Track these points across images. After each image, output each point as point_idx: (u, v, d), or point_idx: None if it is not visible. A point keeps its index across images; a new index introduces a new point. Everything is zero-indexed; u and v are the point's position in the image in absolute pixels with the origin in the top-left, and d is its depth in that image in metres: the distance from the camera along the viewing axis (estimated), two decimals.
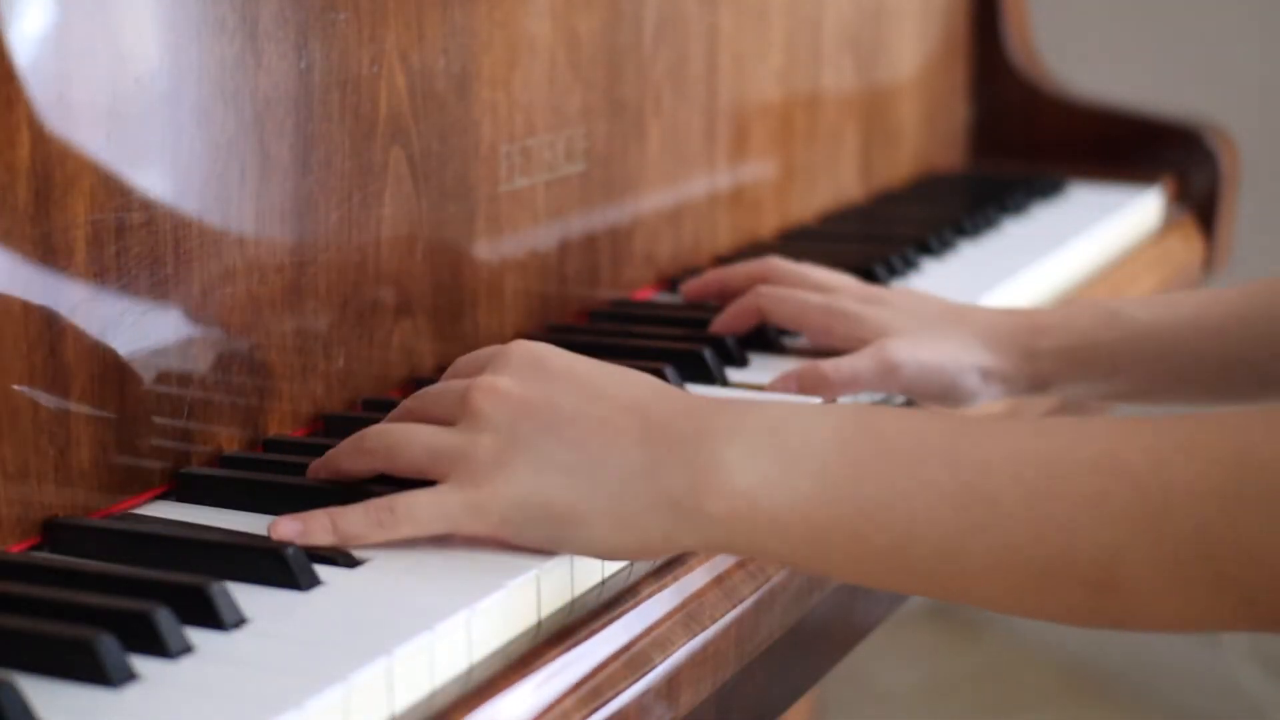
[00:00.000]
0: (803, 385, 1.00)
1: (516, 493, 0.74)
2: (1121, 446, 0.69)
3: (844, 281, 1.10)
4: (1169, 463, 0.67)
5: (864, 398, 1.02)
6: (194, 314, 0.85)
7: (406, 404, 0.82)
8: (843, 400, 1.00)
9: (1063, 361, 1.04)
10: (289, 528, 0.75)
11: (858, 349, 1.02)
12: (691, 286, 1.17)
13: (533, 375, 0.77)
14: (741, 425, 0.74)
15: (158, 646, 0.66)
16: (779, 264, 1.12)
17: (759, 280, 1.11)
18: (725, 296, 1.13)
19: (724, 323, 1.10)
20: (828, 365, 1.01)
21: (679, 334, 1.10)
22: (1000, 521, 0.69)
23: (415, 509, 0.75)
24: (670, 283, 1.24)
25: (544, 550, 0.75)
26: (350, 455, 0.80)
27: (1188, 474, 0.67)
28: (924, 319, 1.05)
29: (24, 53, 0.75)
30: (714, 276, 1.15)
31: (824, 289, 1.09)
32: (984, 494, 0.70)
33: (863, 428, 0.73)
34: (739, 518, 0.73)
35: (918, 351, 1.02)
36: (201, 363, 0.86)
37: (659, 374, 0.99)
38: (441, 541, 0.78)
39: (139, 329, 0.82)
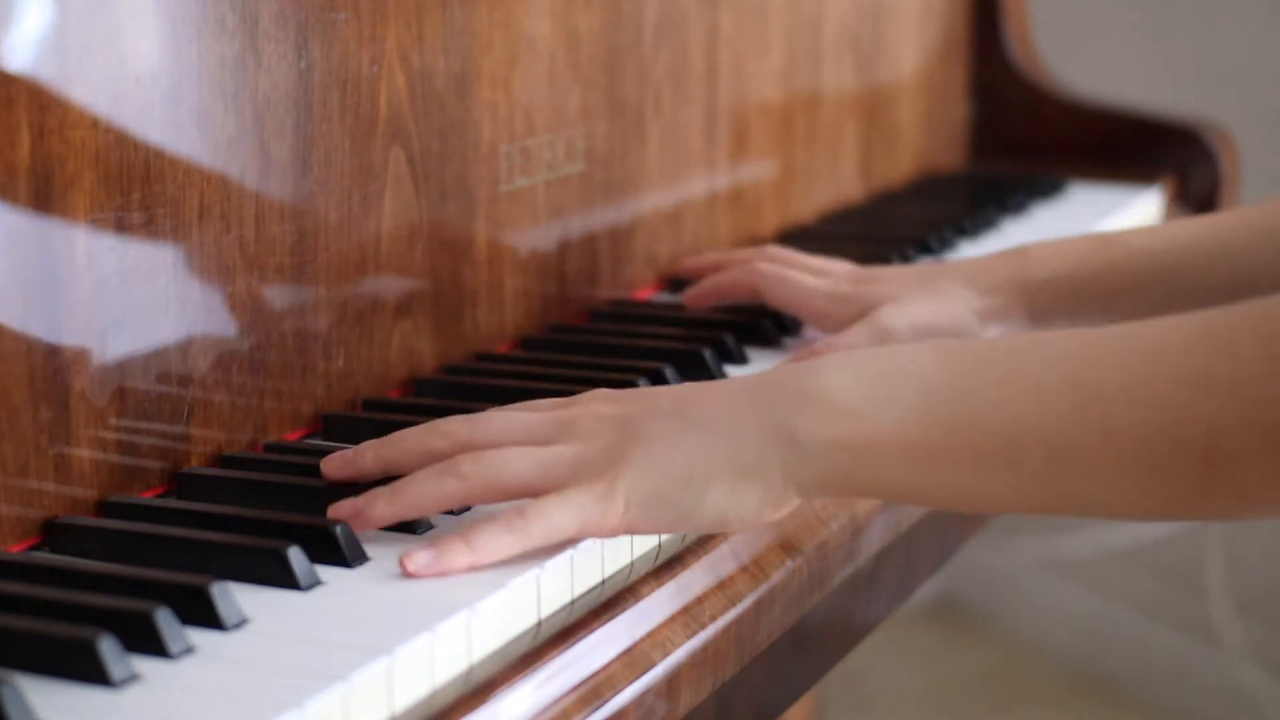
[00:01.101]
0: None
1: (638, 473, 0.75)
2: (1214, 323, 0.70)
3: (840, 266, 1.11)
4: (1268, 332, 0.68)
5: None
6: (194, 314, 0.85)
7: (485, 427, 0.79)
8: None
9: (1059, 291, 1.03)
10: (423, 558, 0.73)
11: None
12: (687, 264, 1.18)
13: (623, 395, 0.79)
14: (842, 359, 0.76)
15: (158, 646, 0.66)
16: (776, 250, 1.13)
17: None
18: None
19: (709, 287, 1.10)
20: (821, 345, 1.02)
21: (679, 334, 1.10)
22: (1104, 407, 0.70)
23: (546, 509, 0.74)
24: (670, 283, 1.24)
25: (669, 531, 0.76)
26: (439, 482, 0.76)
27: None
28: (914, 283, 1.06)
29: (24, 53, 0.76)
30: (712, 259, 1.16)
31: (821, 274, 1.09)
32: (1086, 384, 0.71)
33: (958, 347, 0.75)
34: (847, 443, 0.74)
35: (907, 313, 1.02)
36: (201, 363, 0.86)
37: (659, 374, 0.99)
38: None
39: (139, 329, 0.82)
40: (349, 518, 0.76)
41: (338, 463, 0.80)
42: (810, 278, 1.08)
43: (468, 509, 0.81)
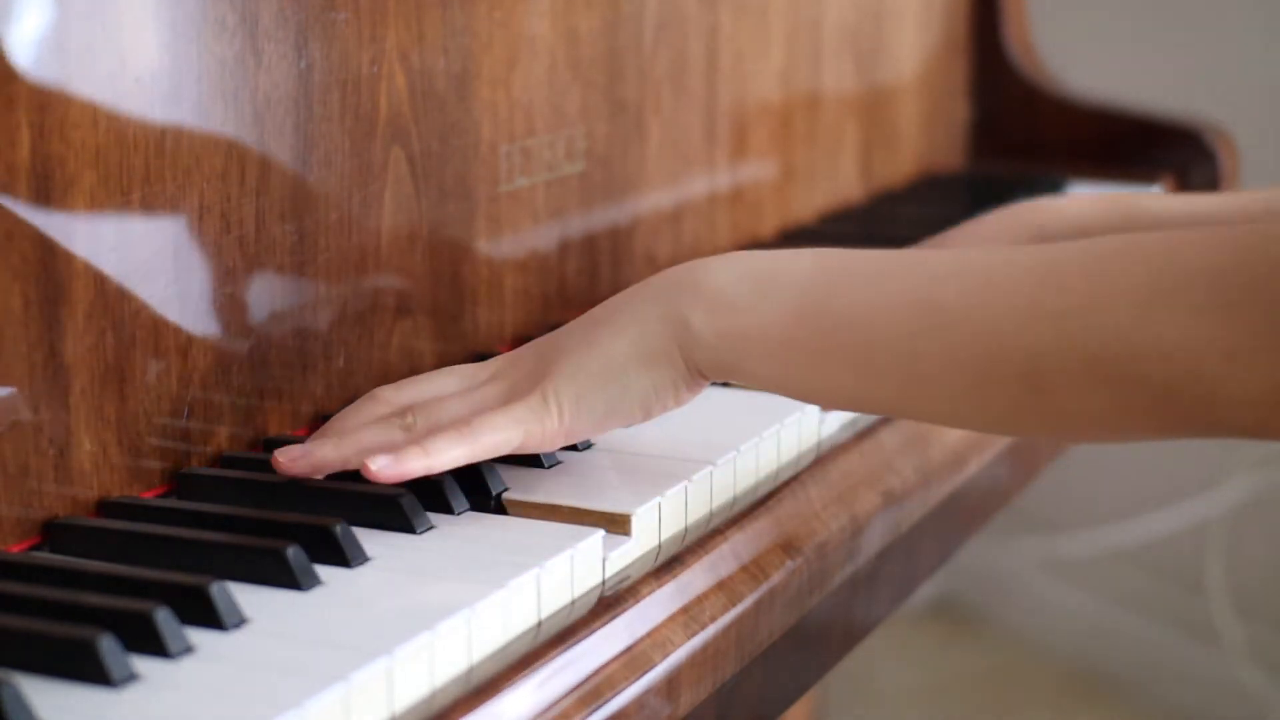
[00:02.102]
0: None
1: (563, 380, 0.81)
2: (1058, 254, 0.76)
3: None
4: (1099, 268, 0.73)
5: None
6: (194, 314, 0.85)
7: (407, 392, 0.85)
8: None
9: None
10: (383, 459, 0.78)
11: None
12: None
13: (532, 343, 0.86)
14: (732, 257, 0.83)
15: (158, 646, 0.66)
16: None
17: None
18: None
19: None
20: None
21: None
22: (946, 325, 0.76)
23: (490, 419, 0.80)
24: None
25: (610, 425, 0.82)
26: (381, 430, 0.82)
27: (1116, 279, 0.72)
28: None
29: (24, 53, 0.76)
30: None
31: None
32: (933, 301, 0.77)
33: (835, 255, 0.82)
34: (728, 334, 0.80)
35: None
36: (202, 363, 0.86)
37: None
38: (441, 541, 0.78)
39: (139, 329, 0.82)
40: (297, 458, 0.81)
41: (295, 454, 0.82)
42: None
43: (466, 509, 0.81)
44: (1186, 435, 0.73)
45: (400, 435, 0.81)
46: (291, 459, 0.82)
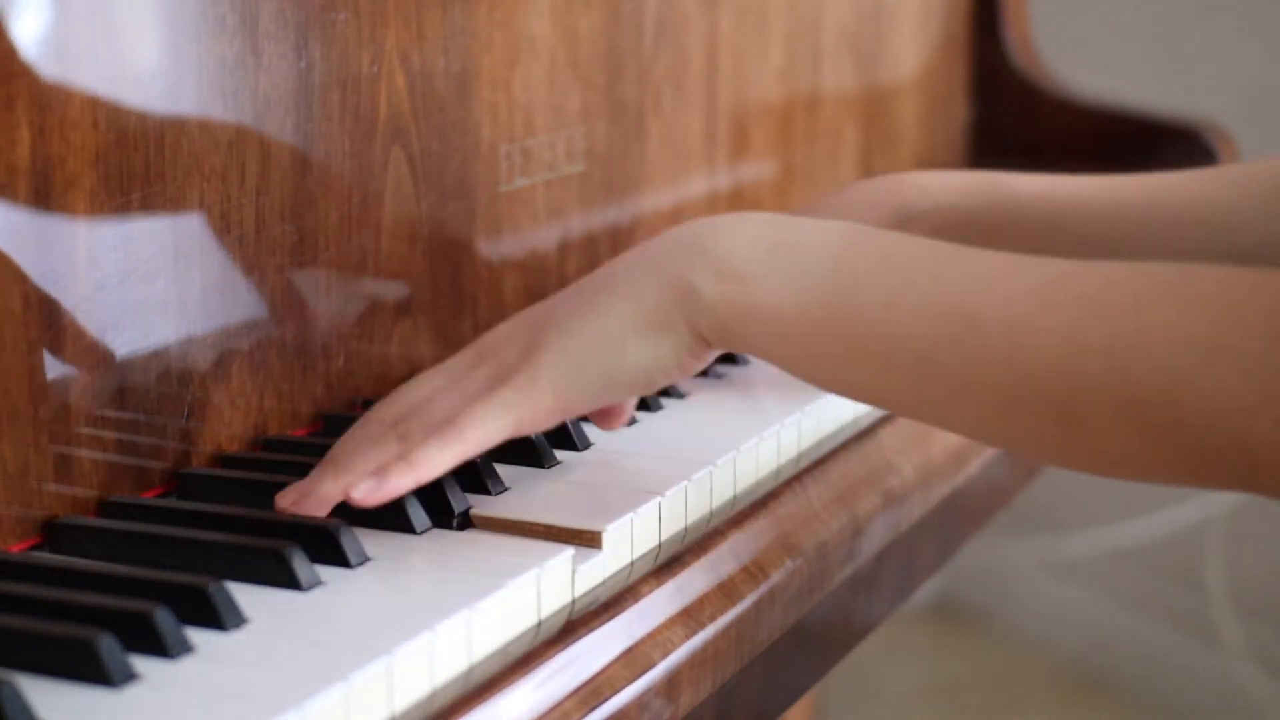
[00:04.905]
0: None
1: (554, 354, 0.76)
2: (1112, 280, 0.70)
3: None
4: (1152, 304, 0.68)
5: None
6: (194, 314, 0.85)
7: (401, 401, 0.81)
8: None
9: (939, 225, 1.00)
10: (367, 486, 0.74)
11: None
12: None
13: (531, 307, 0.82)
14: (747, 217, 0.78)
15: (158, 646, 0.66)
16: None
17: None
18: None
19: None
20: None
21: None
22: (977, 339, 0.71)
23: (475, 412, 0.76)
24: None
25: (609, 398, 0.78)
26: (374, 447, 0.77)
27: (1167, 316, 0.67)
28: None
29: (24, 53, 0.75)
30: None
31: None
32: (965, 310, 0.71)
33: (867, 237, 0.76)
34: (735, 303, 0.75)
35: None
36: (201, 363, 0.86)
37: None
38: (441, 541, 0.78)
39: (139, 329, 0.82)
40: (300, 501, 0.77)
41: (295, 496, 0.78)
42: None
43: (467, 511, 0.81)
44: (1221, 488, 0.69)
45: (395, 447, 0.77)
46: (294, 502, 0.77)
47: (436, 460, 0.75)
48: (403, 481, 0.74)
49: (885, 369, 0.74)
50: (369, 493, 0.74)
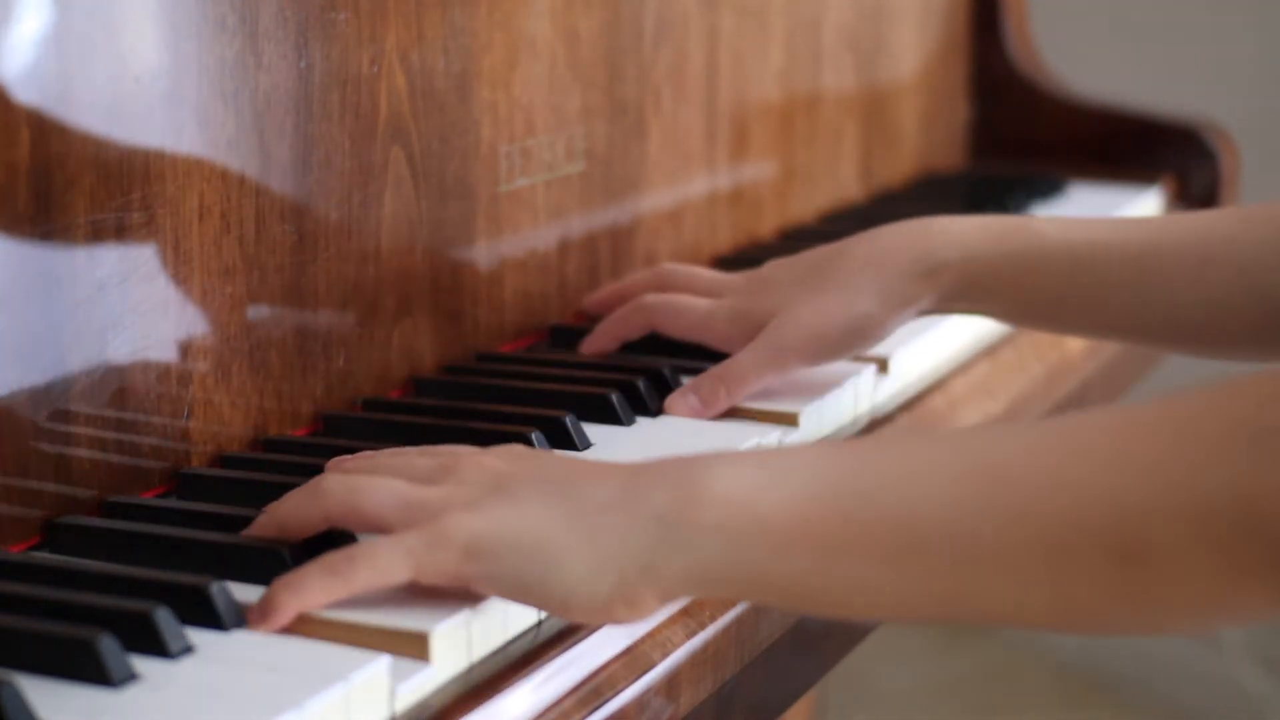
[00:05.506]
0: (700, 392, 0.97)
1: (485, 524, 0.68)
2: (1138, 410, 0.65)
3: (734, 280, 1.05)
4: (1192, 419, 0.64)
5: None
6: (194, 314, 0.85)
7: (372, 461, 0.76)
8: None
9: (967, 273, 0.98)
10: (255, 610, 0.68)
11: None
12: (591, 300, 1.12)
13: (521, 455, 0.74)
14: (731, 454, 0.71)
15: (158, 646, 0.66)
16: (671, 270, 1.08)
17: (654, 289, 1.06)
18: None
19: (604, 334, 1.05)
20: (717, 369, 0.97)
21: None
22: (1009, 490, 0.64)
23: (374, 552, 0.68)
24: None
25: (507, 597, 0.70)
26: (305, 500, 0.73)
27: (1213, 428, 0.63)
28: (806, 284, 1.00)
29: (24, 53, 0.75)
30: (611, 290, 1.10)
31: (715, 292, 1.04)
32: (990, 467, 0.65)
33: (852, 440, 0.71)
34: (725, 526, 0.67)
35: (802, 323, 0.97)
36: (201, 363, 0.86)
37: (658, 372, 0.99)
38: None
39: (139, 329, 0.82)
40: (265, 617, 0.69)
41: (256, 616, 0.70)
42: (702, 301, 1.03)
43: None
44: None
45: (317, 506, 0.72)
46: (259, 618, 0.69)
47: (319, 592, 0.68)
48: (288, 609, 0.68)
49: (907, 558, 0.65)
50: (256, 619, 0.68)
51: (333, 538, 0.75)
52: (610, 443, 0.92)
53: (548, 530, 0.68)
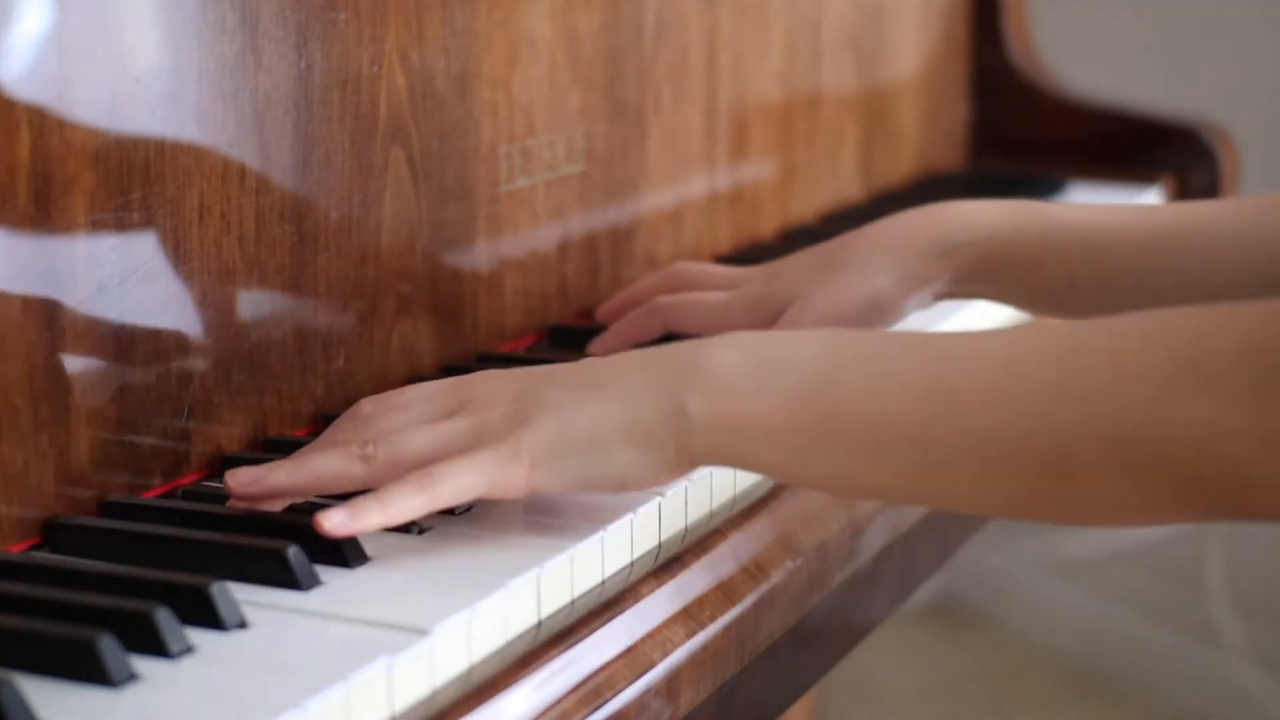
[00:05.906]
0: None
1: (541, 435, 0.77)
2: (1082, 335, 0.72)
3: (750, 272, 1.06)
4: (1124, 349, 0.70)
5: None
6: (194, 314, 0.85)
7: (389, 412, 0.81)
8: None
9: (981, 255, 1.00)
10: (338, 516, 0.74)
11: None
12: (603, 310, 1.12)
13: (517, 371, 0.81)
14: (733, 338, 0.79)
15: (158, 646, 0.66)
16: (685, 269, 1.09)
17: (667, 290, 1.07)
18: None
19: (615, 336, 1.05)
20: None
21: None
22: (962, 409, 0.72)
23: (451, 469, 0.76)
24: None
25: (580, 491, 0.78)
26: (342, 463, 0.78)
27: (1142, 360, 0.69)
28: (821, 268, 1.02)
29: (24, 53, 0.75)
30: (624, 296, 1.11)
31: (731, 286, 1.05)
32: (948, 385, 0.73)
33: (843, 338, 0.78)
34: (728, 421, 0.76)
35: (817, 307, 0.99)
36: (201, 363, 0.86)
37: None
38: (441, 541, 0.78)
39: (139, 329, 0.82)
40: (249, 484, 0.78)
41: (246, 479, 0.79)
42: (716, 294, 1.04)
43: (468, 508, 0.81)
44: (1214, 519, 0.70)
45: (358, 466, 0.77)
46: (242, 484, 0.78)
47: (406, 504, 0.75)
48: (373, 520, 0.75)
49: (878, 457, 0.74)
50: (339, 525, 0.74)
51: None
52: None
53: (596, 426, 0.77)
